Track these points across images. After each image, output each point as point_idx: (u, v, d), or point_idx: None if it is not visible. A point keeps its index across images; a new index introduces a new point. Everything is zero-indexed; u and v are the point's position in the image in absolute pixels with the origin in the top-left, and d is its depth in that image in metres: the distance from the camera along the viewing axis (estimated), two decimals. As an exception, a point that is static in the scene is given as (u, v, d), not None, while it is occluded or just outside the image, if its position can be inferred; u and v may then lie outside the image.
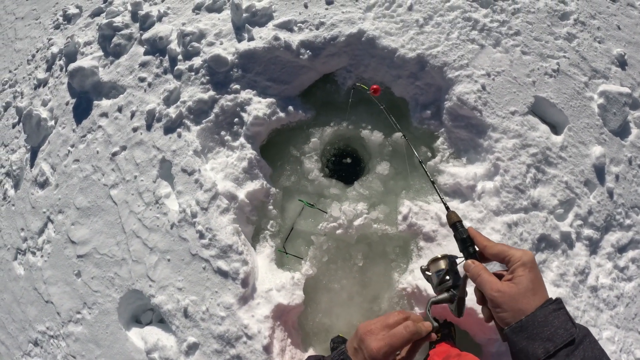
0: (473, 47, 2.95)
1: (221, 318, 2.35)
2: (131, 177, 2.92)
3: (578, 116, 2.88)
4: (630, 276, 2.61)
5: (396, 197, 2.79)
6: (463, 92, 2.76)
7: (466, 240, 1.06)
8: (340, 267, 2.66)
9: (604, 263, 2.57)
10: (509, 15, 3.16)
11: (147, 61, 3.28)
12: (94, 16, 3.99)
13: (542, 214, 2.53)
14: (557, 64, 3.02)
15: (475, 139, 2.74)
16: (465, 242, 1.06)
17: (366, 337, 0.90)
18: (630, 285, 2.57)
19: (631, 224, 2.73)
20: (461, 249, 1.08)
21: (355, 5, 3.11)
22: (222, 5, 3.30)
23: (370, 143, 2.93)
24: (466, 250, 1.07)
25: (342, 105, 3.09)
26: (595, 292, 2.47)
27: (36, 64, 4.18)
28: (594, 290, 2.46)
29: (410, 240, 2.61)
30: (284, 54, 2.98)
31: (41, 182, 3.34)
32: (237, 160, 2.77)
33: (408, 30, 3.00)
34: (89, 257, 2.87)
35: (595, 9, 3.50)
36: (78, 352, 2.69)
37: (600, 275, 2.52)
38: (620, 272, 2.59)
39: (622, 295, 2.54)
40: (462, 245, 1.08)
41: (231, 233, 2.52)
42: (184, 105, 2.94)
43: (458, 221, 1.11)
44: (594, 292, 2.46)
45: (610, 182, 2.76)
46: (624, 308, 2.51)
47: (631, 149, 2.93)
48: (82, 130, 3.30)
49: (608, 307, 2.47)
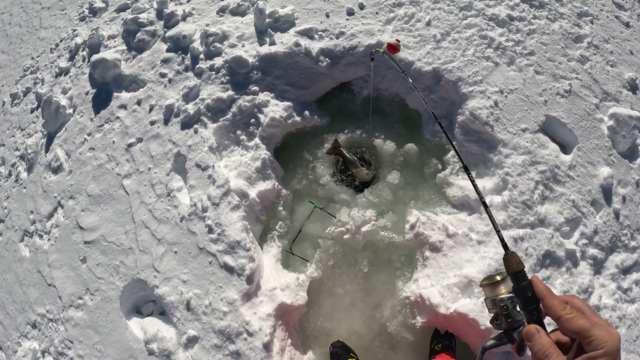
0: (488, 64, 3.02)
1: (223, 313, 2.37)
2: (145, 168, 2.98)
3: (588, 137, 2.92)
4: (633, 298, 2.59)
5: (405, 206, 2.84)
6: (476, 107, 2.83)
7: (530, 300, 0.85)
8: (345, 272, 2.68)
9: (607, 283, 2.56)
10: (524, 36, 3.24)
11: (169, 58, 3.36)
12: (120, 11, 4.09)
13: (548, 231, 2.55)
14: (569, 85, 3.08)
15: (485, 154, 2.80)
16: (529, 302, 0.85)
17: None
18: (633, 308, 2.56)
19: (636, 245, 2.73)
20: (522, 308, 0.88)
21: (375, 18, 3.20)
22: (246, 9, 3.40)
23: (383, 152, 2.98)
24: (527, 310, 0.86)
25: (356, 114, 3.16)
26: (598, 312, 2.45)
27: (59, 53, 4.27)
28: (597, 310, 2.45)
29: (416, 250, 2.64)
30: (304, 60, 3.06)
31: (55, 168, 3.39)
32: (251, 159, 2.82)
33: (425, 44, 3.08)
34: (96, 243, 2.90)
35: (609, 34, 3.57)
36: (76, 338, 2.70)
37: (603, 296, 2.52)
38: (623, 293, 2.58)
39: (625, 316, 2.52)
40: (524, 304, 0.86)
41: (240, 230, 2.55)
42: (203, 103, 3.01)
43: (519, 271, 0.89)
44: (597, 311, 2.42)
45: (617, 203, 2.77)
46: (626, 330, 2.49)
47: (639, 171, 2.95)
48: (99, 120, 3.37)
49: (610, 327, 2.47)
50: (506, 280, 0.92)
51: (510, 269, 0.90)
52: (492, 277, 0.93)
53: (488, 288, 0.93)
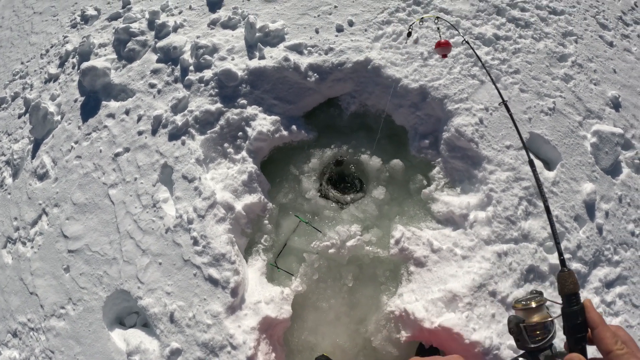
0: (473, 82, 3.10)
1: (207, 326, 2.37)
2: (131, 178, 2.98)
3: (571, 153, 2.98)
4: (617, 311, 2.62)
5: (390, 221, 2.86)
6: (461, 124, 2.89)
7: (579, 327, 0.81)
8: (330, 286, 2.70)
9: (591, 297, 2.59)
10: (510, 54, 3.33)
11: (159, 68, 3.38)
12: (111, 20, 4.11)
13: (531, 246, 2.59)
14: (553, 103, 3.15)
15: (470, 170, 2.85)
16: (578, 329, 0.81)
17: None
18: (617, 321, 2.59)
19: (619, 260, 2.76)
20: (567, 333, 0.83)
21: (364, 35, 3.26)
22: (236, 23, 3.44)
23: (369, 168, 3.02)
24: (573, 338, 0.81)
25: (343, 129, 3.21)
26: None
27: (49, 59, 4.26)
28: None
29: (400, 265, 2.67)
30: (293, 74, 3.10)
31: (40, 174, 3.38)
32: (237, 172, 2.84)
33: (413, 62, 3.15)
34: (80, 253, 2.88)
35: (593, 53, 3.67)
36: (57, 348, 2.67)
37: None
38: (607, 307, 2.62)
39: None
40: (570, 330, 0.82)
41: (225, 242, 2.57)
42: (191, 115, 3.03)
43: (574, 293, 0.85)
44: None
45: (600, 219, 2.81)
46: None
47: (622, 187, 3.00)
48: (87, 128, 3.36)
49: (594, 341, 2.50)
50: (541, 307, 0.87)
51: (565, 289, 0.85)
52: (528, 302, 0.88)
53: (521, 313, 0.88)
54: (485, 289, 2.36)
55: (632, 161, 3.16)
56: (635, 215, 2.95)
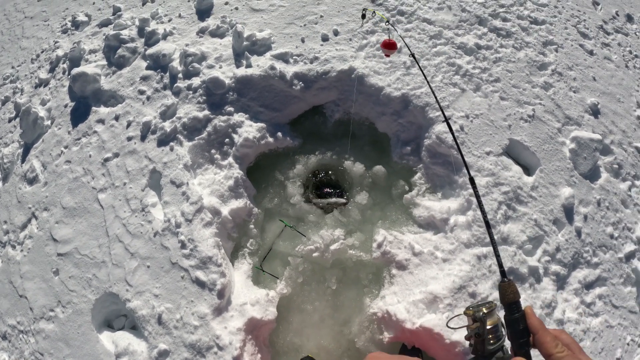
0: (455, 90, 3.19)
1: (194, 327, 2.42)
2: (120, 183, 3.03)
3: (550, 159, 3.05)
4: (597, 312, 2.66)
5: (372, 226, 2.93)
6: (442, 131, 2.97)
7: (522, 333, 0.85)
8: (314, 289, 2.75)
9: (570, 298, 2.64)
10: (491, 63, 3.42)
11: (148, 75, 3.45)
12: (102, 26, 4.16)
13: (511, 249, 2.65)
14: (533, 110, 3.23)
15: (451, 176, 2.93)
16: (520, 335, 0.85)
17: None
18: (597, 321, 2.62)
19: (598, 262, 2.80)
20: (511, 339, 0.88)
21: (348, 44, 3.35)
22: (225, 31, 3.51)
23: (352, 174, 3.09)
24: (516, 343, 0.86)
25: (327, 137, 3.29)
26: (562, 326, 2.52)
27: (40, 64, 4.30)
28: (560, 324, 2.52)
29: (383, 268, 2.73)
30: (278, 83, 3.18)
31: (30, 178, 3.41)
32: (224, 178, 2.91)
33: (395, 71, 3.24)
34: (69, 256, 2.92)
35: (573, 61, 3.75)
36: (46, 350, 2.70)
37: (567, 310, 2.59)
38: (587, 307, 2.65)
39: (589, 329, 2.58)
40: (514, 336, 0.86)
41: (212, 245, 2.63)
42: (179, 121, 3.10)
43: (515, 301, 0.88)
44: (560, 325, 2.52)
45: (578, 222, 2.86)
46: (591, 342, 2.55)
47: (600, 191, 3.05)
48: (77, 133, 3.41)
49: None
50: (493, 312, 0.90)
51: (505, 298, 0.89)
52: (479, 308, 0.91)
53: (472, 318, 0.92)
54: (465, 291, 2.42)
55: (611, 166, 3.22)
56: (613, 218, 3.00)
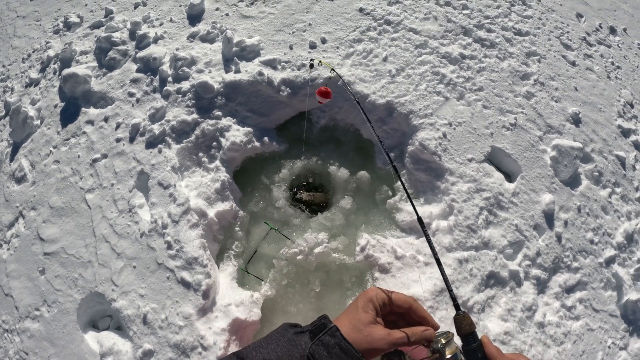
0: (438, 98, 3.27)
1: (179, 327, 2.45)
2: (108, 184, 3.07)
3: (531, 166, 3.12)
4: (578, 315, 2.70)
5: (356, 230, 2.98)
6: (425, 138, 3.04)
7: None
8: (298, 291, 2.78)
9: (551, 302, 2.68)
10: (474, 73, 3.51)
11: (138, 78, 3.49)
12: (94, 28, 4.19)
13: (492, 253, 2.70)
14: (515, 119, 3.31)
15: (433, 181, 3.00)
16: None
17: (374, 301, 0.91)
18: (578, 324, 2.66)
19: (579, 266, 2.85)
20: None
21: (335, 52, 3.43)
22: (215, 37, 3.57)
23: (337, 179, 3.16)
24: None
25: (313, 142, 3.35)
26: (543, 328, 2.55)
27: (30, 64, 4.32)
28: (541, 327, 2.55)
29: (366, 271, 2.78)
30: (266, 88, 3.25)
31: (18, 177, 3.43)
32: (211, 181, 2.97)
33: (381, 79, 3.32)
34: (56, 255, 2.94)
35: (555, 72, 3.84)
36: (31, 349, 2.71)
37: (547, 313, 2.63)
38: (567, 311, 2.69)
39: (570, 332, 2.61)
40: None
41: (198, 247, 2.67)
42: (168, 124, 3.15)
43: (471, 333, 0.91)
44: (541, 328, 2.55)
45: (559, 227, 2.92)
46: (572, 345, 2.58)
47: (581, 198, 3.11)
48: (66, 134, 3.44)
49: (555, 343, 2.54)
50: (450, 342, 0.92)
51: (461, 330, 0.91)
52: (437, 339, 0.93)
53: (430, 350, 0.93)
54: (446, 293, 2.47)
55: (592, 173, 3.29)
56: (594, 224, 3.05)
